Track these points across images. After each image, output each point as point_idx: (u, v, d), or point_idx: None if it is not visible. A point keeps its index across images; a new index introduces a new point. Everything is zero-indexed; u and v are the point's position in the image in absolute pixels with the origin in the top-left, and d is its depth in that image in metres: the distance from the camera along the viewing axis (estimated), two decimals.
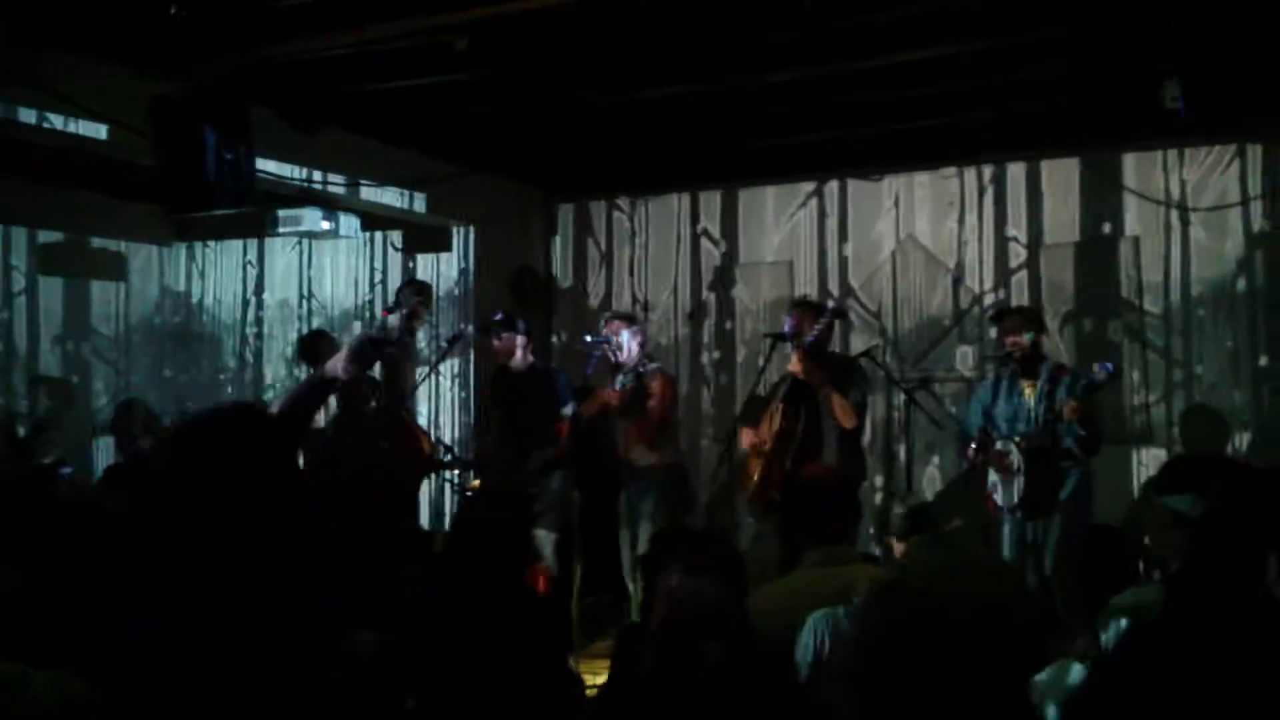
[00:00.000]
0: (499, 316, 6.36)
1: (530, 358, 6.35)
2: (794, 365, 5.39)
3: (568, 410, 6.13)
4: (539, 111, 6.38)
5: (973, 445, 5.51)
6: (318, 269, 8.15)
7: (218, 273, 8.53)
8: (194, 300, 8.60)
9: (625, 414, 5.96)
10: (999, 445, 5.44)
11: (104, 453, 7.63)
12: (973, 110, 6.24)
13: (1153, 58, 5.23)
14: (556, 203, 8.11)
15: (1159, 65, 5.22)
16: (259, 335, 8.33)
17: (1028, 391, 5.47)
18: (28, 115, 5.13)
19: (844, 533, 3.54)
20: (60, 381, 7.44)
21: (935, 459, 6.96)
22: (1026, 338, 5.48)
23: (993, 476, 5.48)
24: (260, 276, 8.33)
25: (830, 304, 6.00)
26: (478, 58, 5.11)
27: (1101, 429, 5.42)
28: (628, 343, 5.96)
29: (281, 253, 8.26)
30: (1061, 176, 6.80)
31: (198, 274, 8.58)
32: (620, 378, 5.87)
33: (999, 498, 5.43)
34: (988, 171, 6.96)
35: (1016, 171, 6.90)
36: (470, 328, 7.18)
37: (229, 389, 8.41)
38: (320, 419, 6.61)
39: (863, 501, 4.61)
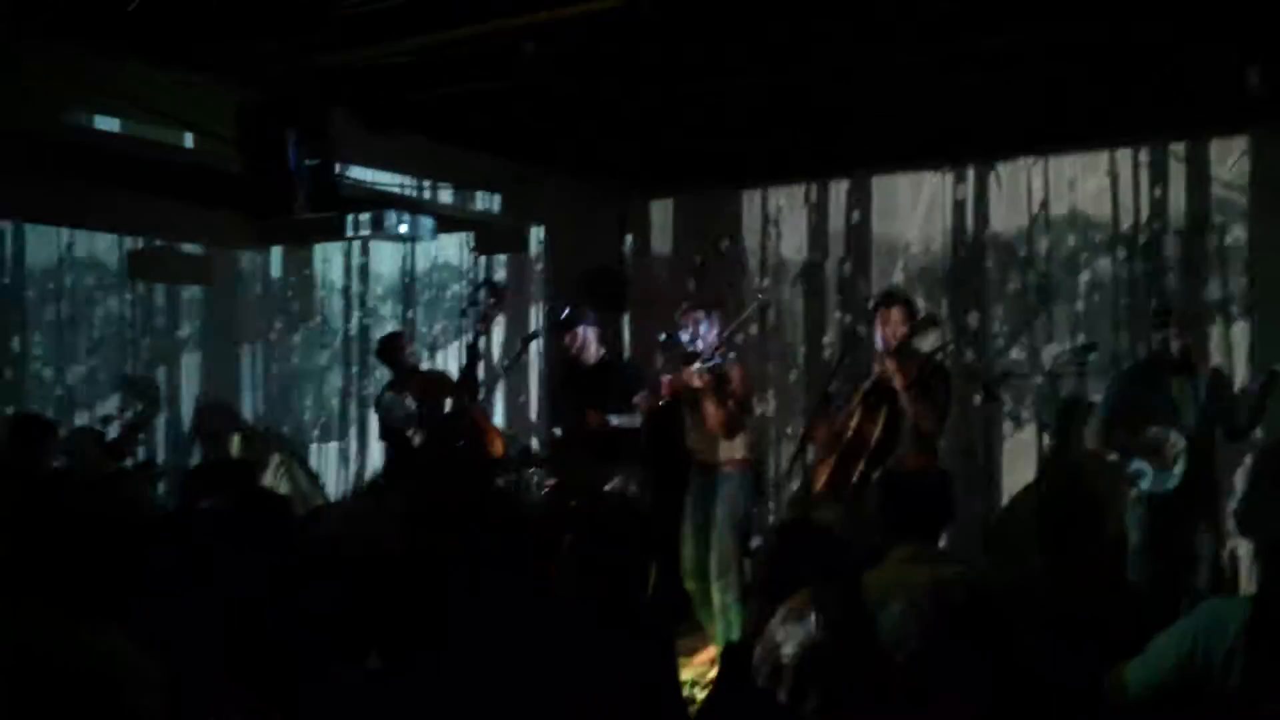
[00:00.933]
0: (566, 312, 6.37)
1: (601, 350, 6.35)
2: (882, 367, 5.30)
3: (640, 400, 6.10)
4: (616, 109, 6.34)
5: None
6: (417, 266, 8.32)
7: (322, 270, 8.73)
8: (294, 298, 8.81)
9: (706, 398, 5.73)
10: (1153, 431, 5.26)
11: None
12: (1132, 89, 5.79)
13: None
14: (633, 200, 8.07)
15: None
16: (363, 332, 8.47)
17: (1177, 386, 5.30)
18: (114, 125, 5.29)
19: (935, 531, 3.48)
20: (150, 381, 7.61)
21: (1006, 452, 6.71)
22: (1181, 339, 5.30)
23: (1138, 463, 5.32)
24: (365, 273, 8.50)
25: (923, 309, 5.85)
26: (548, 60, 5.11)
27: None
28: (705, 332, 5.87)
29: (384, 251, 8.43)
30: (1224, 157, 6.29)
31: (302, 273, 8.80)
32: (698, 365, 5.69)
33: (1145, 484, 5.28)
34: (1144, 154, 6.44)
35: (1177, 152, 6.36)
36: (543, 326, 7.22)
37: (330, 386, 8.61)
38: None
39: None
